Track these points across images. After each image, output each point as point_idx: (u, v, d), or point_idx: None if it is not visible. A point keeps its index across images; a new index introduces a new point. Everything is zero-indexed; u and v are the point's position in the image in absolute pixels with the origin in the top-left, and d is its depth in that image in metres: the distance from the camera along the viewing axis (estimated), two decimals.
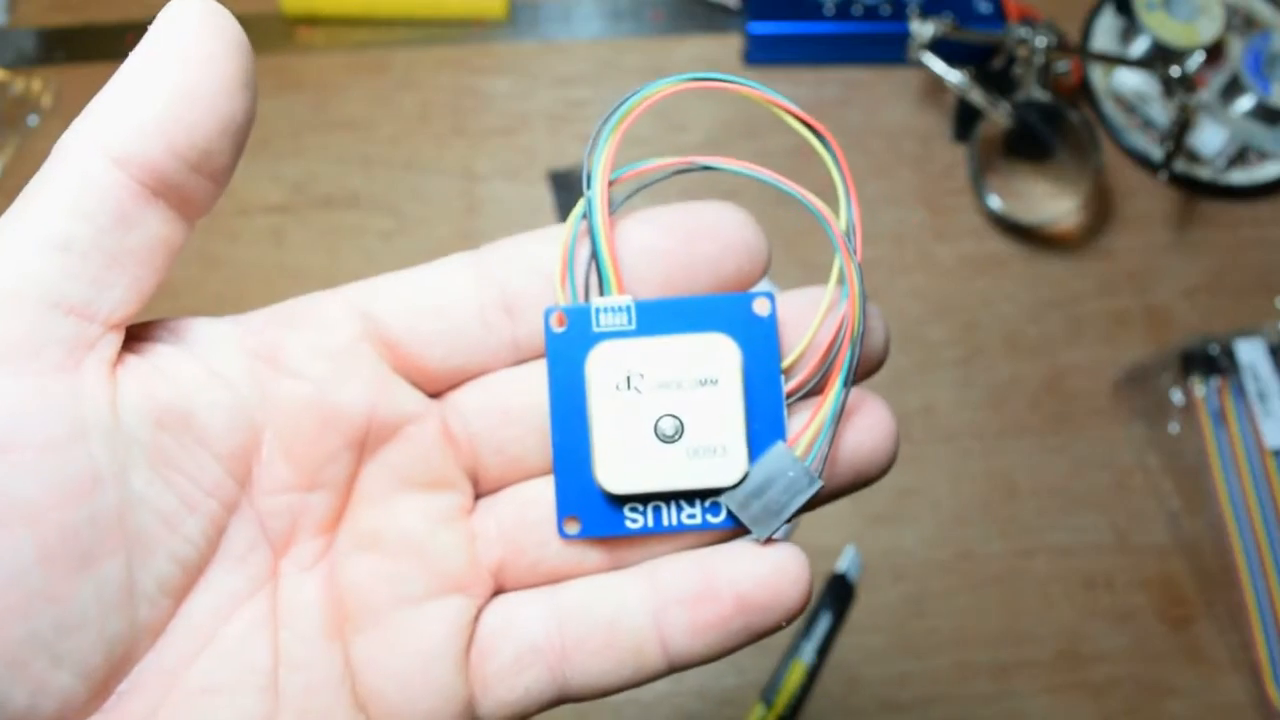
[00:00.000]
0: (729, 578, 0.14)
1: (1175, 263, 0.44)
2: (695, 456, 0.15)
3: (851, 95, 0.47)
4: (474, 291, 0.15)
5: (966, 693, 0.37)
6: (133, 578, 0.13)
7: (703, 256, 0.15)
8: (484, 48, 0.47)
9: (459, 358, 0.15)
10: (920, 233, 0.44)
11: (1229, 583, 0.38)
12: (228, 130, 0.13)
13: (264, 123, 0.45)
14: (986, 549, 0.39)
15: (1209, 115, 0.45)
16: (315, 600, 0.14)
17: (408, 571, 0.15)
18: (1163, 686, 0.37)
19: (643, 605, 0.15)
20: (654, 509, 0.15)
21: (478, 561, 0.15)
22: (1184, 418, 0.40)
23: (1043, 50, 0.42)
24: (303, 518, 0.14)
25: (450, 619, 0.15)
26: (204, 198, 0.14)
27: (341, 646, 0.14)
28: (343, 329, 0.15)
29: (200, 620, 0.14)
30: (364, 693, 0.14)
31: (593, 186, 0.15)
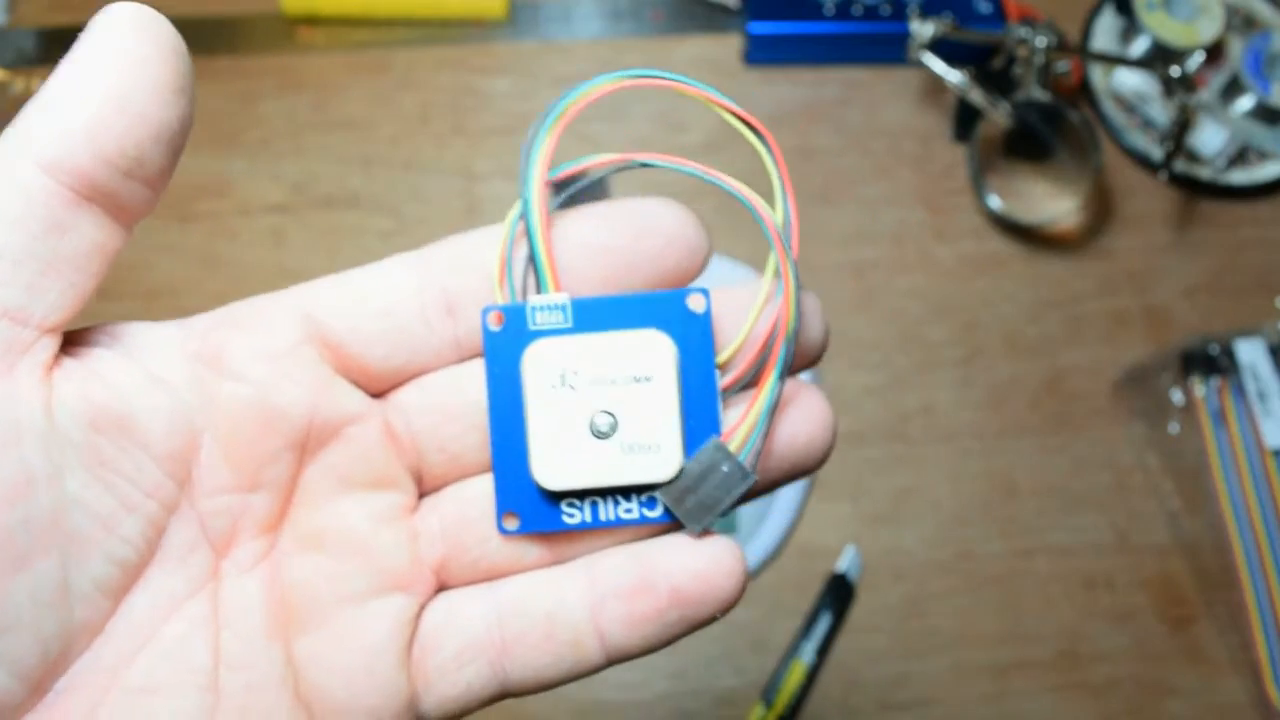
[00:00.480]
0: (664, 571, 0.15)
1: (1175, 263, 0.44)
2: (630, 452, 0.15)
3: (851, 95, 0.47)
4: (415, 292, 0.15)
5: (966, 693, 0.37)
6: (68, 578, 0.13)
7: (644, 252, 0.15)
8: (484, 48, 0.47)
9: (401, 357, 0.15)
10: (920, 233, 0.44)
11: (1229, 583, 0.38)
12: (161, 136, 0.13)
13: (264, 123, 0.45)
14: (986, 549, 0.39)
15: (1209, 115, 0.45)
16: (257, 600, 0.15)
17: (350, 570, 0.15)
18: (1163, 686, 0.37)
19: (580, 600, 0.15)
20: (591, 504, 0.15)
21: (420, 559, 0.15)
22: (1184, 418, 0.40)
23: (1043, 50, 0.42)
24: (244, 518, 0.15)
25: (393, 616, 0.15)
26: (139, 203, 0.14)
27: (284, 646, 0.15)
28: (284, 331, 0.15)
29: (140, 620, 0.14)
30: (307, 691, 0.15)
31: (529, 185, 0.15)
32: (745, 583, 0.15)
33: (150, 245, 0.43)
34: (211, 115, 0.45)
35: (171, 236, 0.43)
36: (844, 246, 0.44)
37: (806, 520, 0.39)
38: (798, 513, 0.39)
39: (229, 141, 0.45)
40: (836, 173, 0.45)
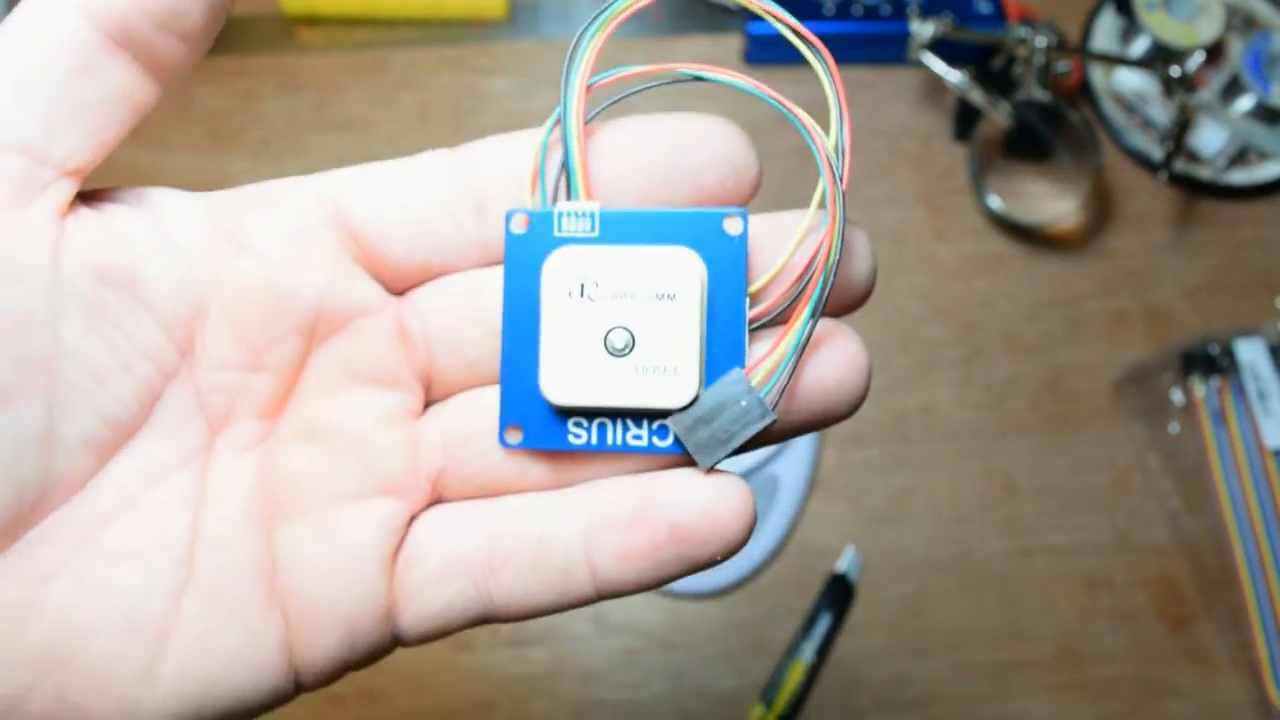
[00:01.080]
0: (665, 504, 0.14)
1: (1175, 263, 0.44)
2: (645, 374, 0.14)
3: (851, 95, 0.46)
4: (445, 188, 0.15)
5: (966, 692, 0.37)
6: (54, 425, 0.13)
7: (684, 168, 0.14)
8: (484, 48, 0.47)
9: (424, 253, 0.15)
10: (920, 233, 0.44)
11: (1229, 582, 0.38)
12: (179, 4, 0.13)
13: (264, 122, 0.45)
14: (986, 549, 0.39)
15: (1209, 115, 0.45)
16: (246, 483, 0.14)
17: (345, 467, 0.14)
18: (1162, 686, 0.37)
19: (575, 527, 0.14)
20: (599, 426, 0.14)
21: (417, 467, 0.15)
22: (1184, 418, 0.40)
23: (1043, 50, 0.42)
24: (243, 397, 0.14)
25: (381, 520, 0.14)
26: (174, 59, 0.13)
27: (266, 536, 0.14)
28: (306, 213, 0.14)
29: (123, 483, 0.14)
30: (283, 586, 0.14)
31: (569, 89, 0.14)
32: (752, 525, 0.14)
33: None
34: (212, 115, 0.45)
35: None
36: None
37: (806, 520, 0.39)
38: (798, 513, 0.39)
39: (229, 141, 0.45)
40: None
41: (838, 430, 0.41)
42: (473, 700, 0.36)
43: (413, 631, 0.15)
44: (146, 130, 0.45)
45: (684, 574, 0.14)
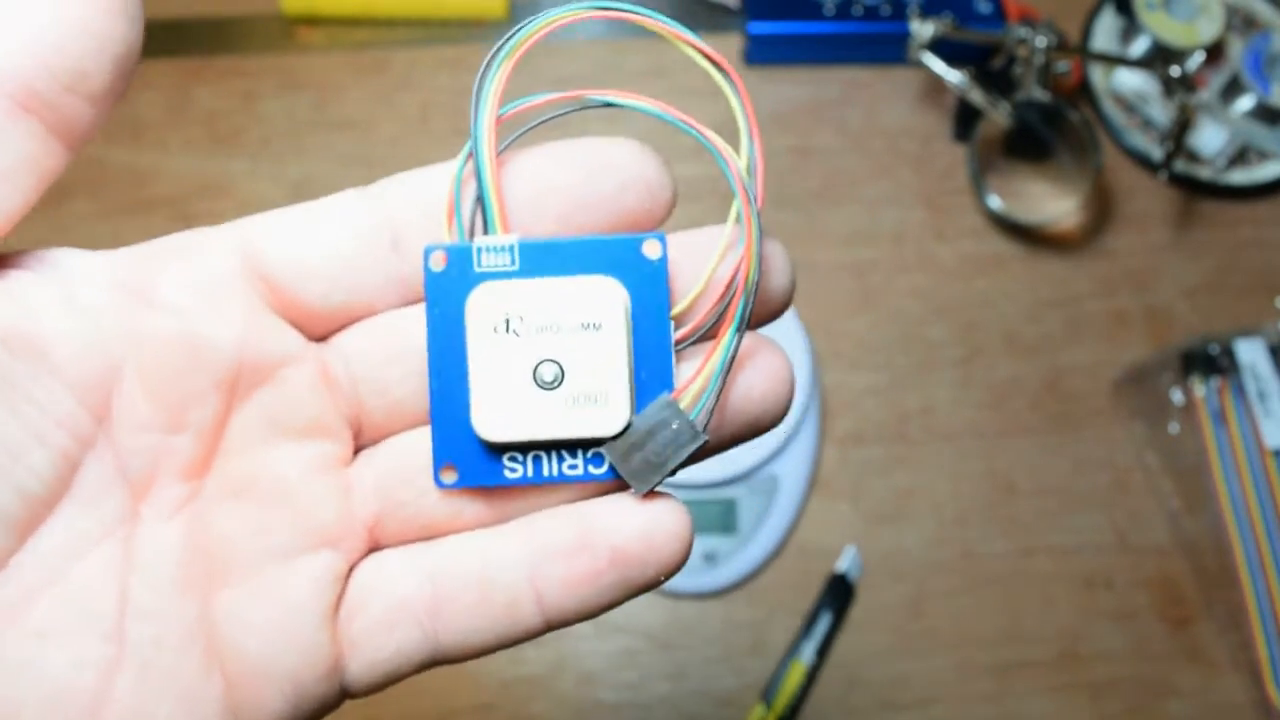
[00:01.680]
0: (604, 530, 0.14)
1: (1175, 263, 0.44)
2: (576, 404, 0.14)
3: (851, 95, 0.47)
4: (359, 227, 0.14)
5: (966, 693, 0.37)
6: None
7: (600, 193, 0.14)
8: (484, 48, 0.47)
9: (341, 295, 0.14)
10: (920, 233, 0.44)
11: (1229, 583, 0.38)
12: (105, 51, 0.13)
13: (264, 122, 0.45)
14: (986, 549, 0.39)
15: (1209, 115, 0.45)
16: (173, 548, 0.14)
17: (276, 522, 0.14)
18: (1163, 686, 0.37)
19: (517, 560, 0.14)
20: (534, 459, 0.14)
21: (351, 515, 0.15)
22: (1184, 418, 0.40)
23: (1043, 50, 0.42)
24: (165, 460, 0.14)
25: (319, 574, 0.14)
26: (81, 121, 0.13)
27: (199, 600, 0.14)
28: (217, 263, 0.14)
29: (46, 558, 0.13)
30: (222, 649, 0.14)
31: (479, 121, 0.14)
32: (690, 545, 0.14)
33: None
34: (211, 115, 0.45)
35: None
36: (844, 246, 0.44)
37: (806, 520, 0.39)
38: (798, 513, 0.39)
39: (229, 141, 0.45)
40: (836, 173, 0.45)
41: (838, 430, 0.41)
42: (472, 702, 0.36)
43: (361, 681, 0.14)
44: (146, 131, 0.45)
45: (627, 598, 0.14)
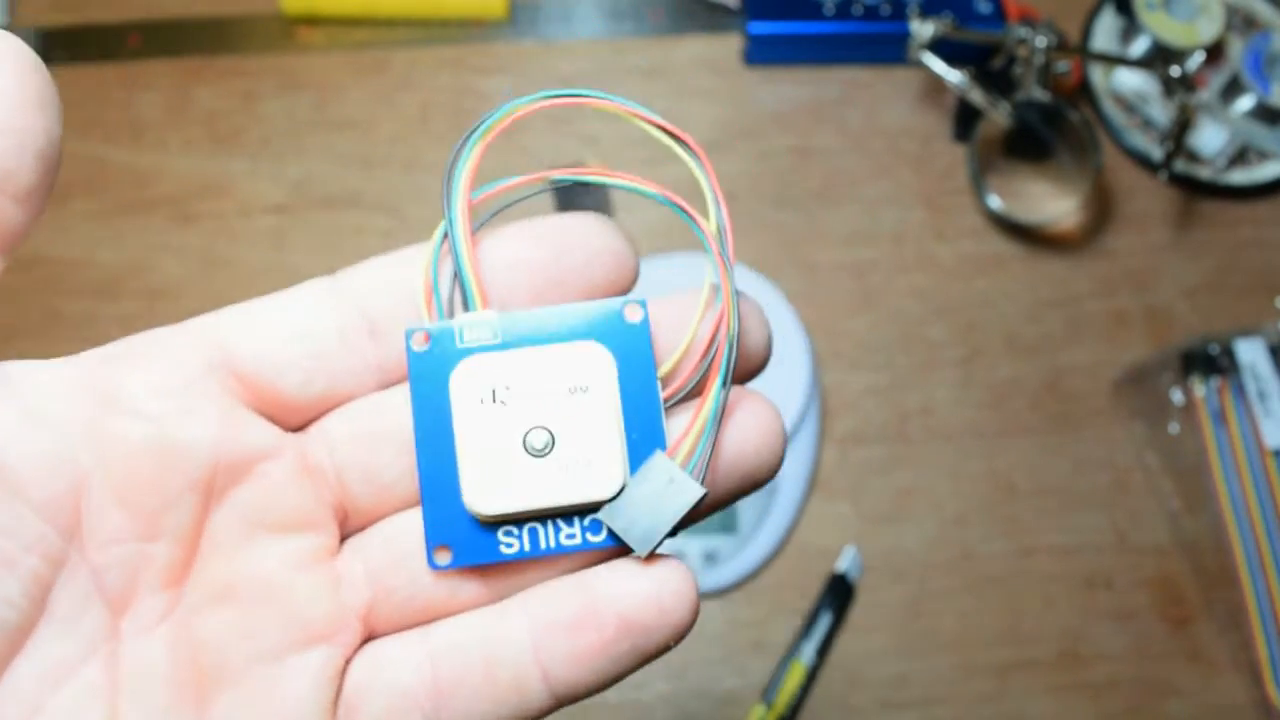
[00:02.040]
0: (610, 598, 0.13)
1: (1175, 262, 0.44)
2: (569, 471, 0.14)
3: (851, 95, 0.47)
4: (332, 315, 0.14)
5: (966, 693, 0.37)
6: None
7: (570, 266, 0.15)
8: (484, 48, 0.47)
9: (319, 384, 0.14)
10: (920, 233, 0.44)
11: (1229, 582, 0.38)
12: (27, 148, 0.12)
13: (264, 123, 0.45)
14: (986, 549, 0.39)
15: (1209, 115, 0.45)
16: (160, 662, 0.13)
17: (265, 623, 0.14)
18: (1163, 686, 0.37)
19: (520, 637, 0.14)
20: (530, 531, 0.14)
21: (343, 606, 0.14)
22: (1184, 418, 0.40)
23: (1043, 50, 0.42)
24: (144, 571, 0.13)
25: (314, 672, 0.14)
26: (10, 223, 0.12)
27: (192, 712, 0.13)
28: (185, 362, 0.14)
29: (25, 690, 0.12)
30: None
31: (453, 205, 0.15)
32: (697, 607, 0.14)
33: (150, 245, 0.43)
34: (211, 115, 0.45)
35: (172, 237, 0.43)
36: (844, 246, 0.44)
37: (806, 520, 0.39)
38: (798, 513, 0.39)
39: (229, 142, 0.45)
40: (836, 173, 0.45)
41: (838, 430, 0.41)
42: None
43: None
44: (146, 131, 0.45)
45: (638, 666, 0.14)
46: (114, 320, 0.42)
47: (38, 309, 0.42)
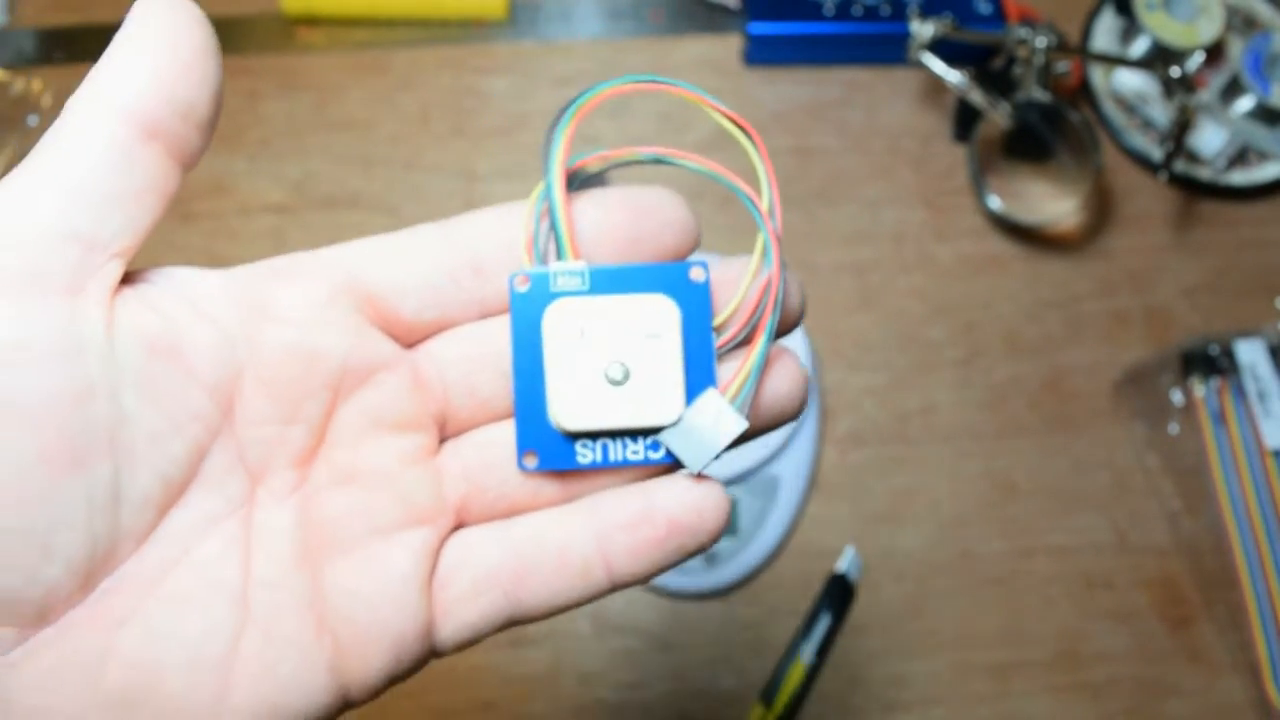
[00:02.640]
0: (663, 504, 0.16)
1: (1175, 263, 0.44)
2: (638, 399, 0.17)
3: (851, 95, 0.47)
4: (445, 254, 0.17)
5: (966, 693, 0.37)
6: (119, 486, 0.14)
7: (646, 231, 0.17)
8: (484, 48, 0.47)
9: (432, 311, 0.17)
10: (920, 233, 0.44)
11: (1229, 583, 0.38)
12: (205, 84, 0.15)
13: (264, 122, 0.45)
14: (986, 549, 0.39)
15: (1209, 116, 0.45)
16: (288, 527, 0.16)
17: (379, 504, 0.16)
18: (1163, 687, 0.37)
19: (589, 532, 0.16)
20: (602, 445, 0.17)
21: (442, 497, 0.17)
22: (1184, 418, 0.40)
23: (1043, 50, 0.42)
24: (280, 449, 0.16)
25: (416, 548, 0.16)
26: (192, 145, 0.15)
27: (312, 573, 0.16)
28: (324, 283, 0.16)
29: (179, 534, 0.15)
30: (333, 615, 0.16)
31: (551, 171, 0.17)
32: (729, 519, 0.17)
33: (150, 244, 0.43)
34: None
35: (172, 236, 0.43)
36: (844, 246, 0.44)
37: (806, 520, 0.39)
38: (798, 513, 0.39)
39: (229, 141, 0.45)
40: (836, 173, 0.45)
41: (838, 430, 0.41)
42: (473, 701, 0.36)
43: (450, 642, 0.16)
44: None
45: (680, 562, 0.17)
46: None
47: None
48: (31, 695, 0.14)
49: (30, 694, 0.14)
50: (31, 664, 0.14)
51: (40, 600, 0.14)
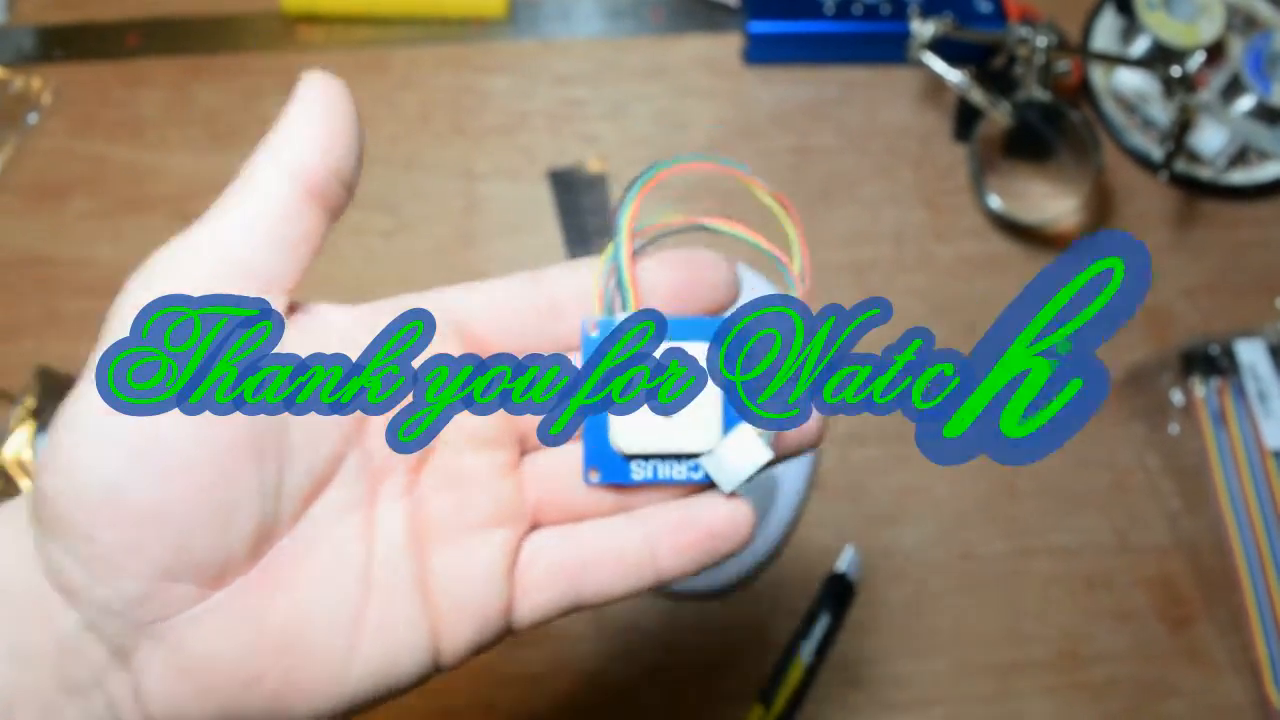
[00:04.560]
0: (701, 515, 0.20)
1: (1175, 263, 0.44)
2: (683, 429, 0.20)
3: (851, 95, 0.46)
4: (531, 297, 0.20)
5: (966, 693, 0.37)
6: (282, 478, 0.18)
7: (697, 288, 0.20)
8: (484, 46, 0.47)
9: (517, 345, 0.20)
10: (920, 233, 0.44)
11: (1229, 583, 0.37)
12: (353, 151, 0.19)
13: (265, 121, 0.45)
14: (986, 549, 0.39)
15: (1209, 115, 0.45)
16: (401, 519, 0.19)
17: (474, 506, 0.20)
18: (1163, 687, 0.37)
19: (639, 536, 0.20)
20: (653, 465, 0.20)
21: (523, 502, 0.20)
22: (1184, 418, 0.40)
23: (1043, 50, 0.42)
24: (395, 458, 0.19)
25: (500, 544, 0.20)
26: (341, 201, 0.19)
27: (419, 558, 0.19)
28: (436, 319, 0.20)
29: (319, 521, 0.18)
30: (435, 593, 0.19)
31: (619, 233, 0.20)
32: (754, 531, 0.20)
33: (150, 244, 0.43)
34: (212, 113, 0.45)
35: (172, 235, 0.43)
36: (844, 246, 0.43)
37: (806, 520, 0.39)
38: (797, 512, 0.39)
39: (229, 140, 0.45)
40: (836, 173, 0.45)
41: (837, 429, 0.41)
42: (473, 700, 0.36)
43: (524, 622, 0.20)
44: (146, 129, 0.45)
45: (714, 564, 0.20)
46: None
47: (37, 308, 0.42)
48: (206, 643, 0.17)
49: (205, 642, 0.17)
50: (208, 619, 0.17)
51: (220, 565, 0.17)
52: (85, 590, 0.16)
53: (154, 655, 0.17)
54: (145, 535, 0.16)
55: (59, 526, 0.16)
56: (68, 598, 0.17)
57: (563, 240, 0.43)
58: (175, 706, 0.17)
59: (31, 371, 0.40)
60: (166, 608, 0.17)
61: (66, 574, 0.16)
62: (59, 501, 0.16)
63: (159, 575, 0.16)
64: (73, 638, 0.17)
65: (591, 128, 0.45)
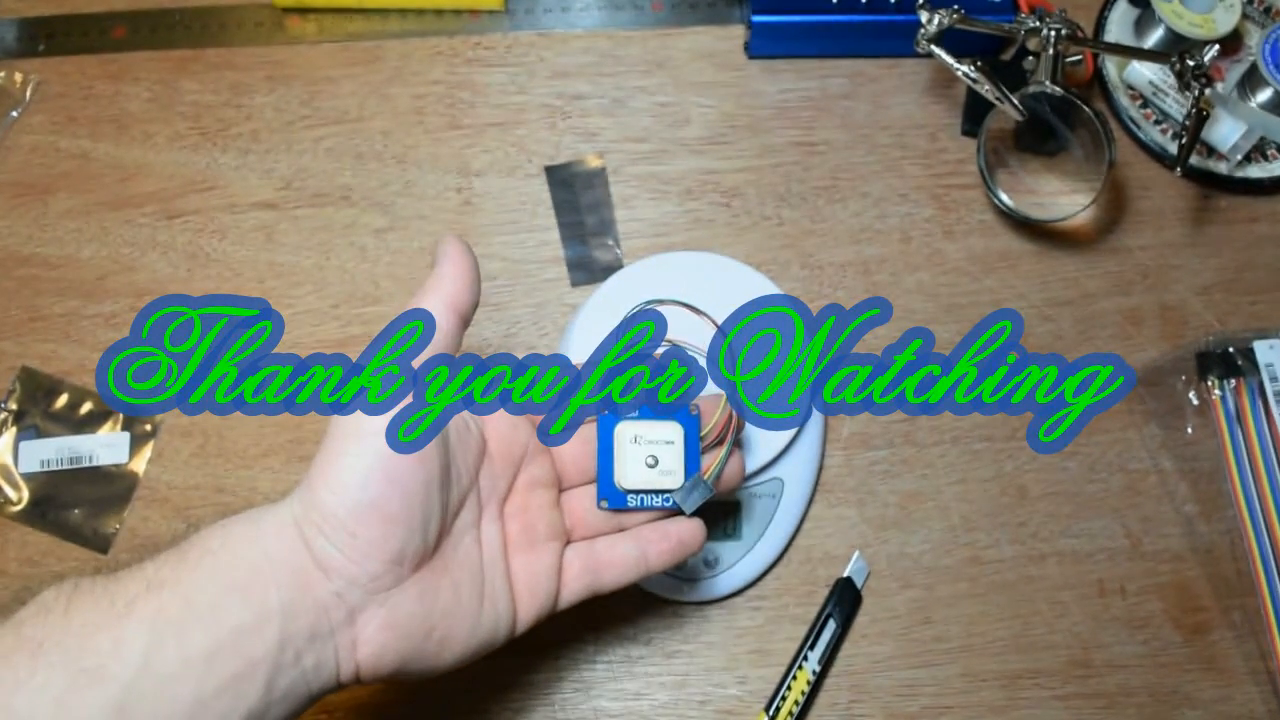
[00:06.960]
0: (674, 529, 0.30)
1: (1191, 260, 0.43)
2: (662, 474, 0.30)
3: (857, 88, 0.45)
4: None
5: (975, 702, 0.37)
6: (449, 499, 0.27)
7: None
8: (479, 39, 0.46)
9: None
10: (928, 229, 0.43)
11: (1246, 589, 0.37)
12: (478, 286, 0.28)
13: (253, 116, 0.44)
14: (996, 554, 0.38)
15: (1226, 108, 0.44)
16: (496, 535, 0.28)
17: (538, 527, 0.29)
18: (1178, 696, 0.37)
19: (634, 544, 0.30)
20: (640, 497, 0.30)
21: (563, 524, 0.30)
22: (1199, 419, 0.39)
23: (1055, 41, 0.41)
24: (494, 493, 0.29)
25: (554, 552, 0.29)
26: (457, 335, 0.28)
27: (506, 561, 0.28)
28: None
29: (456, 533, 0.27)
30: (517, 585, 0.28)
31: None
32: (704, 541, 0.30)
33: (136, 243, 0.42)
34: (199, 109, 0.44)
35: (158, 234, 0.42)
36: (851, 243, 0.42)
37: (812, 525, 0.38)
38: (802, 517, 0.38)
39: (217, 136, 0.44)
40: (842, 167, 0.44)
41: (843, 433, 0.40)
42: (473, 708, 0.36)
43: (563, 604, 0.29)
44: (132, 125, 0.44)
45: (681, 561, 0.31)
46: (99, 319, 0.40)
47: (20, 309, 0.41)
48: (406, 608, 0.25)
49: (405, 607, 0.25)
50: (410, 591, 0.26)
51: (419, 556, 0.26)
52: (342, 569, 0.24)
53: (374, 616, 0.25)
54: (388, 534, 0.25)
55: (330, 525, 0.24)
56: (326, 573, 0.24)
57: (560, 238, 0.42)
58: (378, 652, 0.25)
59: (13, 373, 0.39)
60: (389, 583, 0.25)
61: (329, 557, 0.24)
62: (335, 509, 0.24)
63: (390, 560, 0.25)
64: (325, 601, 0.24)
65: (590, 122, 0.44)
